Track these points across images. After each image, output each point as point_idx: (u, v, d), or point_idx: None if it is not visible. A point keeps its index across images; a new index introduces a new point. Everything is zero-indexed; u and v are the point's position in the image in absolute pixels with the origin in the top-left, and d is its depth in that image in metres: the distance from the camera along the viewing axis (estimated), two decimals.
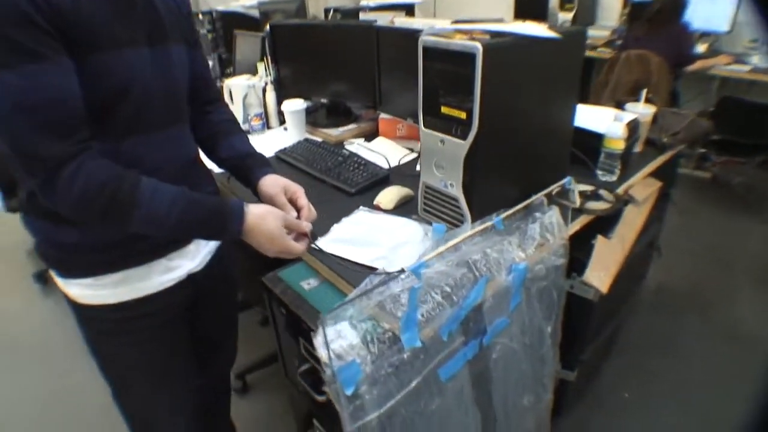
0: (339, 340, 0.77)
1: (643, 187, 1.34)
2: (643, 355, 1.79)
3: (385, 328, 0.79)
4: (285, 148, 1.52)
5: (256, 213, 0.75)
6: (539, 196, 1.05)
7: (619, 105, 1.56)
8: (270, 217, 0.76)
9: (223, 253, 0.99)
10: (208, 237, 0.88)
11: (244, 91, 1.66)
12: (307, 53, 1.73)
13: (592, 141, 1.30)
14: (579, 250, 1.14)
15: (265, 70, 1.83)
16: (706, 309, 2.03)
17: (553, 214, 1.06)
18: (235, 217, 0.74)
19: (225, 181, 1.26)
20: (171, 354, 0.91)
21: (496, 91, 0.89)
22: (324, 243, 1.04)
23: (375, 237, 1.05)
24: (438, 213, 1.08)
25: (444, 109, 0.96)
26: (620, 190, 1.27)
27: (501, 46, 0.87)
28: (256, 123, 1.69)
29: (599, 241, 1.12)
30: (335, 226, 1.10)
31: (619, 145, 1.24)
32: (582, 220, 1.15)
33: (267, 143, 1.60)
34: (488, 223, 0.91)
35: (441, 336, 0.84)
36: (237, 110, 1.74)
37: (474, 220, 1.01)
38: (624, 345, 1.78)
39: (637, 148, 1.45)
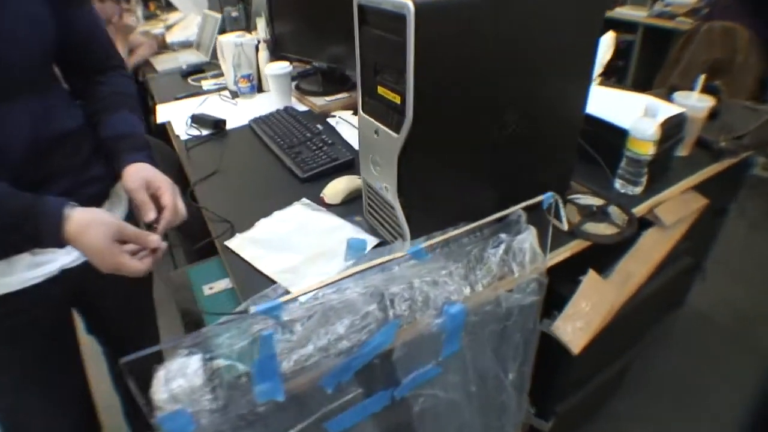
0: (180, 379, 0.61)
1: (679, 204, 1.03)
2: (657, 401, 1.48)
3: (240, 371, 0.62)
4: (260, 117, 1.35)
5: (78, 220, 0.59)
6: (492, 219, 0.80)
7: (672, 91, 1.22)
8: (94, 227, 0.59)
9: None
10: (19, 247, 0.70)
11: (233, 49, 1.50)
12: (307, 9, 1.52)
13: (615, 138, 0.99)
14: (569, 281, 0.89)
15: (266, 26, 1.65)
16: (753, 349, 1.64)
17: (528, 237, 0.81)
18: (48, 224, 0.58)
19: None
20: (43, 357, 0.80)
21: (442, 68, 0.65)
22: (237, 241, 0.87)
23: (297, 241, 0.86)
24: (380, 219, 0.87)
25: (380, 90, 0.73)
26: (641, 208, 0.97)
27: (447, 4, 0.62)
28: (244, 85, 1.53)
29: (588, 280, 0.85)
30: (262, 220, 0.93)
31: (646, 150, 0.94)
32: (575, 246, 0.88)
33: (247, 109, 1.44)
34: (397, 254, 0.68)
35: (324, 388, 0.66)
36: (227, 71, 1.59)
37: (414, 236, 0.79)
38: (636, 384, 1.48)
39: (682, 150, 1.12)
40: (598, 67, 1.28)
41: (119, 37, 1.83)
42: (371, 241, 0.85)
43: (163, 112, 1.47)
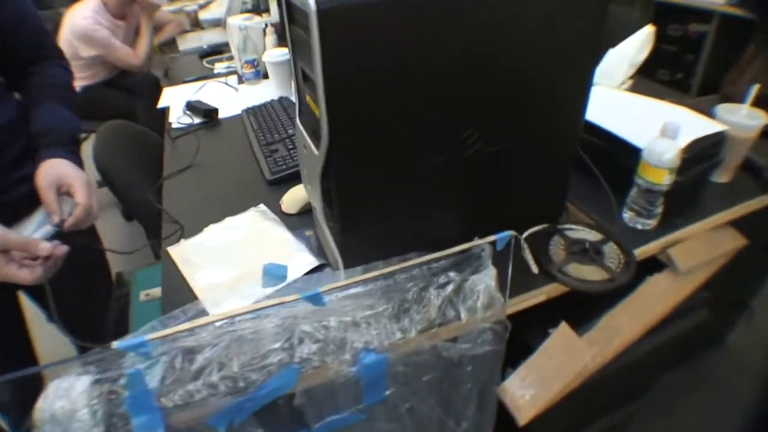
0: (64, 399, 0.57)
1: (705, 243, 0.84)
2: None
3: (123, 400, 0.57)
4: (253, 107, 1.29)
5: None
6: (442, 254, 0.68)
7: (725, 100, 1.00)
8: None
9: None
10: None
11: (238, 33, 1.44)
12: None
13: (627, 159, 0.82)
14: (542, 331, 0.75)
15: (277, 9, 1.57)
16: None
17: (484, 279, 0.69)
18: None
19: None
20: None
21: (364, 77, 0.54)
22: (180, 248, 0.82)
23: (240, 253, 0.80)
24: (321, 239, 0.78)
25: (308, 99, 0.63)
26: (651, 247, 0.80)
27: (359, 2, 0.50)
28: (248, 71, 1.47)
29: (557, 335, 0.71)
30: (212, 226, 0.87)
31: (660, 179, 0.76)
32: (552, 290, 0.74)
33: (246, 96, 1.39)
34: (287, 298, 0.58)
35: (214, 427, 0.59)
36: (234, 54, 1.54)
37: (349, 264, 0.70)
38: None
39: (720, 176, 0.91)
40: (629, 68, 1.08)
41: (144, 15, 1.84)
42: (304, 264, 0.76)
43: (167, 97, 1.45)
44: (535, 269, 0.72)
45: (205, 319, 0.60)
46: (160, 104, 1.41)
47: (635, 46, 1.03)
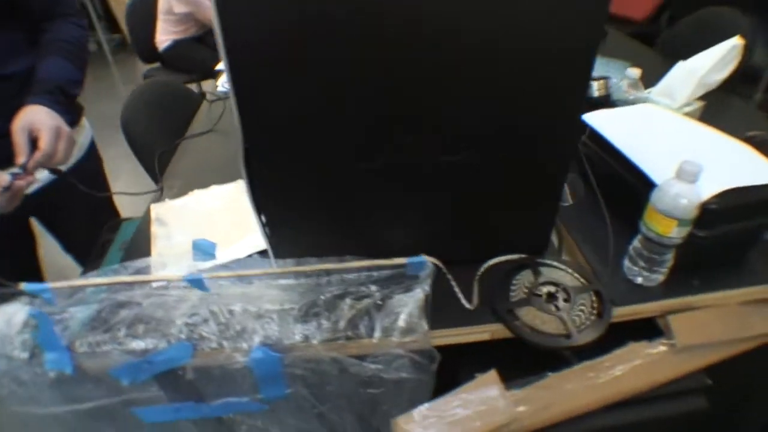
0: (3, 323, 0.66)
1: (724, 319, 0.66)
2: None
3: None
4: None
5: None
6: (364, 264, 0.62)
7: None
8: None
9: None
10: None
11: None
12: None
13: (640, 194, 0.67)
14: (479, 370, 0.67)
15: None
16: None
17: (409, 302, 0.63)
18: None
19: None
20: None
21: (271, 61, 0.51)
22: (162, 207, 0.88)
23: (209, 223, 0.83)
24: None
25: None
26: (649, 308, 0.66)
27: None
28: None
29: (480, 381, 0.62)
30: (197, 191, 0.91)
31: (667, 230, 0.61)
32: (498, 331, 0.65)
33: None
34: (173, 276, 0.57)
35: (118, 378, 0.63)
36: None
37: (278, 255, 0.68)
38: None
39: None
40: (699, 87, 0.86)
41: None
42: (251, 246, 0.76)
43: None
44: (467, 304, 0.64)
45: (121, 278, 0.63)
46: (218, 67, 1.49)
47: (712, 62, 0.81)
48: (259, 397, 0.66)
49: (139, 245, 0.80)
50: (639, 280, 0.68)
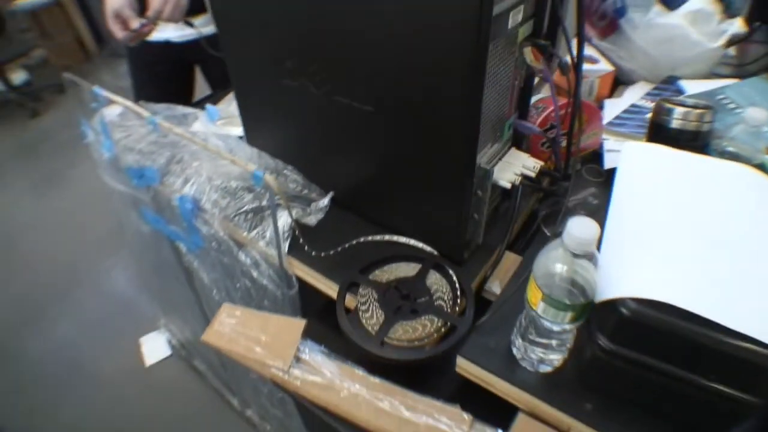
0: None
1: None
2: None
3: None
4: None
5: None
6: None
7: None
8: (109, 3, 0.92)
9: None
10: None
11: None
12: None
13: None
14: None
15: None
16: None
17: (282, 221, 0.65)
18: None
19: None
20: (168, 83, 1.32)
21: None
22: None
23: None
24: None
25: None
26: (490, 380, 0.51)
27: None
28: None
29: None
30: None
31: (534, 301, 0.44)
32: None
33: None
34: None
35: (128, 175, 0.87)
36: None
37: (250, 140, 0.78)
38: None
39: None
40: None
41: None
42: None
43: None
44: (306, 248, 0.61)
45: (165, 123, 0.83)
46: None
47: None
48: (190, 238, 0.81)
49: None
50: (515, 351, 0.52)
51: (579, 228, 0.38)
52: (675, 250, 0.42)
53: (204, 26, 1.12)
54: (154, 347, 1.59)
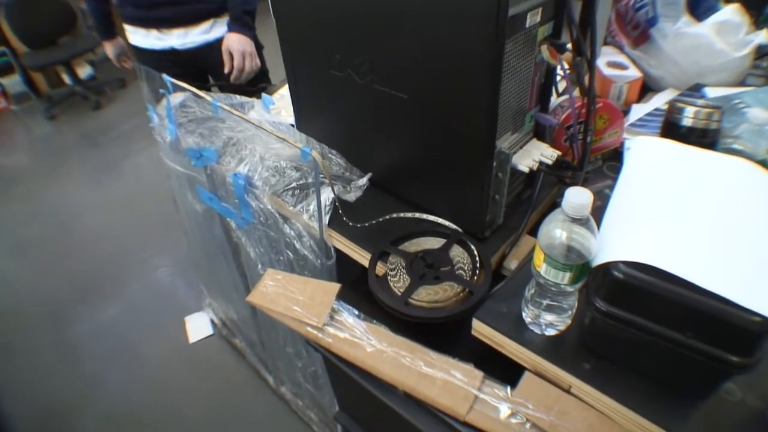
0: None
1: (585, 420, 0.52)
2: None
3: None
4: None
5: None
6: None
7: None
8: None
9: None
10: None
11: None
12: None
13: None
14: None
15: None
16: None
17: (325, 196, 0.73)
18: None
19: None
20: None
21: None
22: None
23: None
24: None
25: None
26: (504, 343, 0.58)
27: None
28: None
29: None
30: None
31: (538, 263, 0.51)
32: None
33: None
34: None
35: (189, 155, 0.98)
36: None
37: (300, 127, 0.87)
38: None
39: None
40: None
41: None
42: None
43: None
44: (350, 222, 0.69)
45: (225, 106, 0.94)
46: None
47: None
48: (241, 215, 0.91)
49: None
50: (525, 316, 0.58)
51: (575, 195, 0.45)
52: (666, 224, 0.48)
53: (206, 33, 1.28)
54: (198, 326, 1.70)
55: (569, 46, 0.59)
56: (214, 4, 1.33)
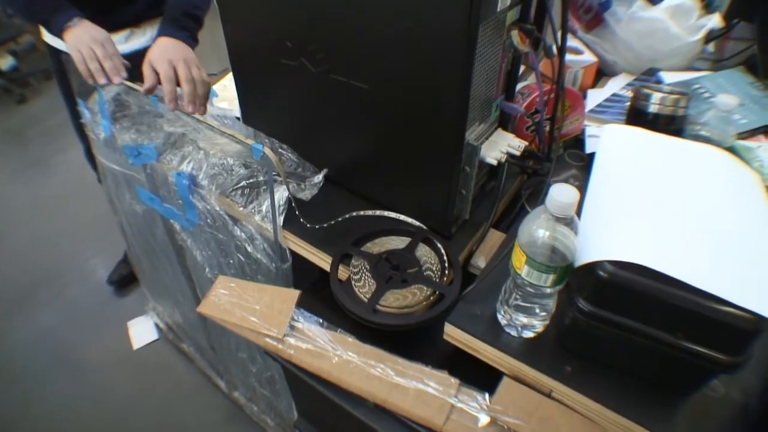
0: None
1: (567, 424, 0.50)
2: None
3: None
4: None
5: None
6: None
7: None
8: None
9: None
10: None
11: None
12: None
13: None
14: None
15: None
16: None
17: (278, 195, 0.67)
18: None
19: None
20: None
21: None
22: None
23: None
24: None
25: None
26: (477, 346, 0.55)
27: None
28: None
29: None
30: None
31: (519, 265, 0.48)
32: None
33: None
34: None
35: (126, 153, 0.88)
36: None
37: (246, 120, 0.80)
38: None
39: None
40: None
41: None
42: None
43: None
44: (307, 224, 0.63)
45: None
46: None
47: None
48: (186, 217, 0.83)
49: None
50: (500, 318, 0.55)
51: (560, 193, 0.41)
52: (648, 219, 0.45)
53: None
54: (142, 331, 1.59)
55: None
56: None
